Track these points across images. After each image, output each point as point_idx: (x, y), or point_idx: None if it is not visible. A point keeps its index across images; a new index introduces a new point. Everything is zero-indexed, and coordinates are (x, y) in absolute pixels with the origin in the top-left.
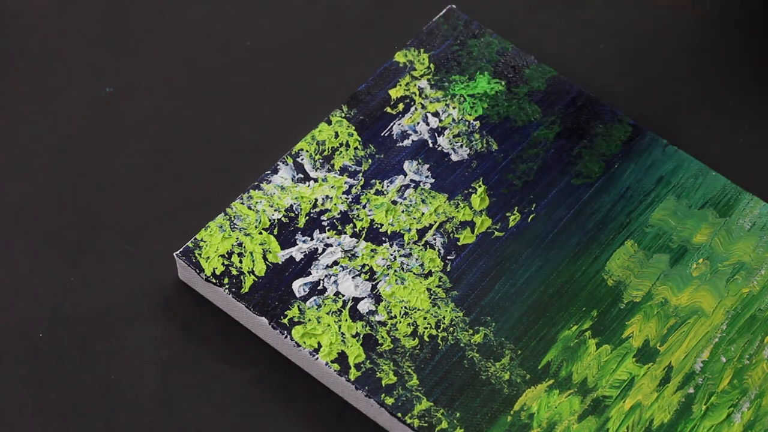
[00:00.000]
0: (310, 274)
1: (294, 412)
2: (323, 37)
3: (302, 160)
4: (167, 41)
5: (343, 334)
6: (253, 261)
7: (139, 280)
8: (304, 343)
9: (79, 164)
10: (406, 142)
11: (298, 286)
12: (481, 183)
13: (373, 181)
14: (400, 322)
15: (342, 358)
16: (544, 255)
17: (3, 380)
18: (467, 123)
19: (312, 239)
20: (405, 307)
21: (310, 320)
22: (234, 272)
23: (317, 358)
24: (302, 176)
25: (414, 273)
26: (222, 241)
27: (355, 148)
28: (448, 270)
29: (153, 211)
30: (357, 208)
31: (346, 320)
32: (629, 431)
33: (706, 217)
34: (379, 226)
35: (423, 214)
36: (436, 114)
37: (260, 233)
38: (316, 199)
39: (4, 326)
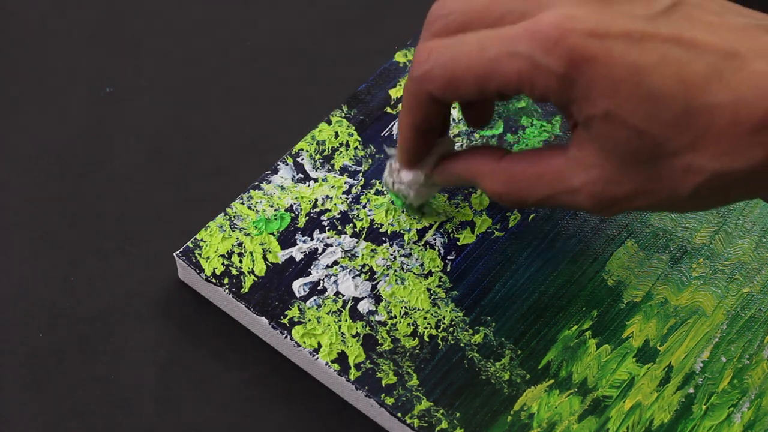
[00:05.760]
0: (310, 274)
1: (294, 412)
2: (323, 37)
3: (302, 160)
4: (167, 41)
5: (343, 334)
6: (253, 261)
7: (139, 280)
8: (304, 343)
9: (79, 164)
10: None
11: (298, 286)
12: None
13: (373, 181)
14: (400, 322)
15: (342, 358)
16: (544, 255)
17: (3, 380)
18: None
19: (312, 239)
20: (405, 307)
21: (310, 320)
22: (234, 272)
23: (317, 358)
24: (302, 176)
25: (414, 273)
26: (222, 241)
27: (355, 148)
28: (448, 270)
29: (153, 211)
30: (357, 208)
31: (346, 320)
32: (629, 431)
33: (706, 217)
34: (379, 226)
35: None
36: None
37: (260, 233)
38: (316, 199)
39: (4, 326)
